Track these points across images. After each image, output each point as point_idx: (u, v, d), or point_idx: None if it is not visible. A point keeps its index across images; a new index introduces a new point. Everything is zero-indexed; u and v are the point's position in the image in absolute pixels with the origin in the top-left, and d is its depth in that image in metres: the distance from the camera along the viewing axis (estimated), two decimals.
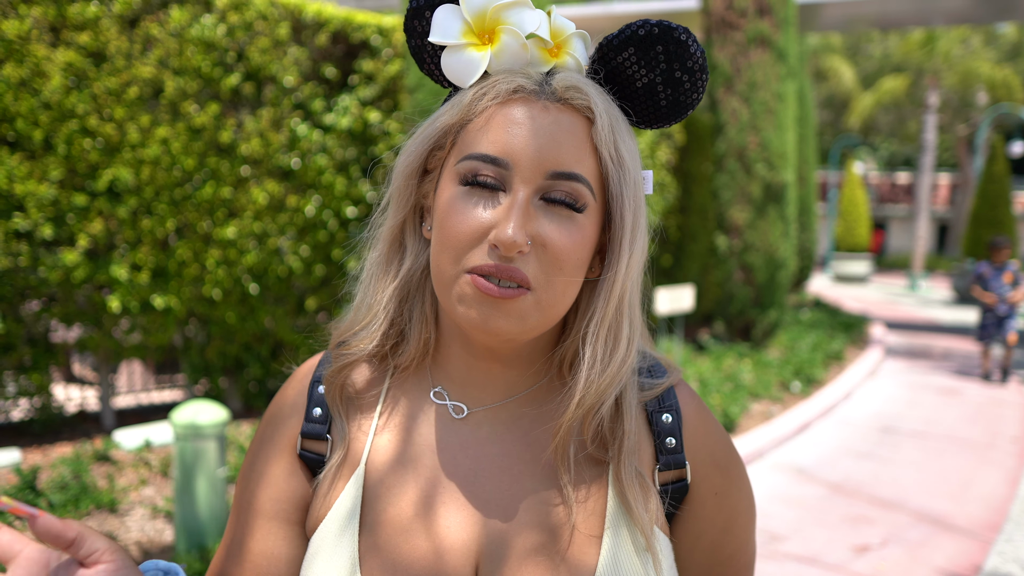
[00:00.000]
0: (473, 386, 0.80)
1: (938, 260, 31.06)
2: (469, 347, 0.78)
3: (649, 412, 0.80)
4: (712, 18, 8.61)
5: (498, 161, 0.69)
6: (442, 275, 0.71)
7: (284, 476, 0.83)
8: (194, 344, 5.19)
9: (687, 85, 0.75)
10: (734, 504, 0.83)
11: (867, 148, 37.54)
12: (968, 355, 10.58)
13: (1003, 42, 27.63)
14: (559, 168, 0.69)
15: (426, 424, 0.80)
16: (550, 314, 0.71)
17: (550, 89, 0.72)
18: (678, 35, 0.72)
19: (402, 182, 0.79)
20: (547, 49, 0.74)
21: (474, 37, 0.73)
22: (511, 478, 0.77)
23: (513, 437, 0.79)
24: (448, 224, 0.70)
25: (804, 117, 14.82)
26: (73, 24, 4.32)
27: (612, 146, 0.71)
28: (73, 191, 4.39)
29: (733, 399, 6.33)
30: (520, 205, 0.68)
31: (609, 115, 0.72)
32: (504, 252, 0.67)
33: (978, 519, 4.53)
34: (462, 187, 0.71)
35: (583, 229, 0.71)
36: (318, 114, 5.29)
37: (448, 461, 0.78)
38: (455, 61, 0.74)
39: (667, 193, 9.06)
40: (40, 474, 3.88)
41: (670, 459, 0.79)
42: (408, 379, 0.83)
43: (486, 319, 0.69)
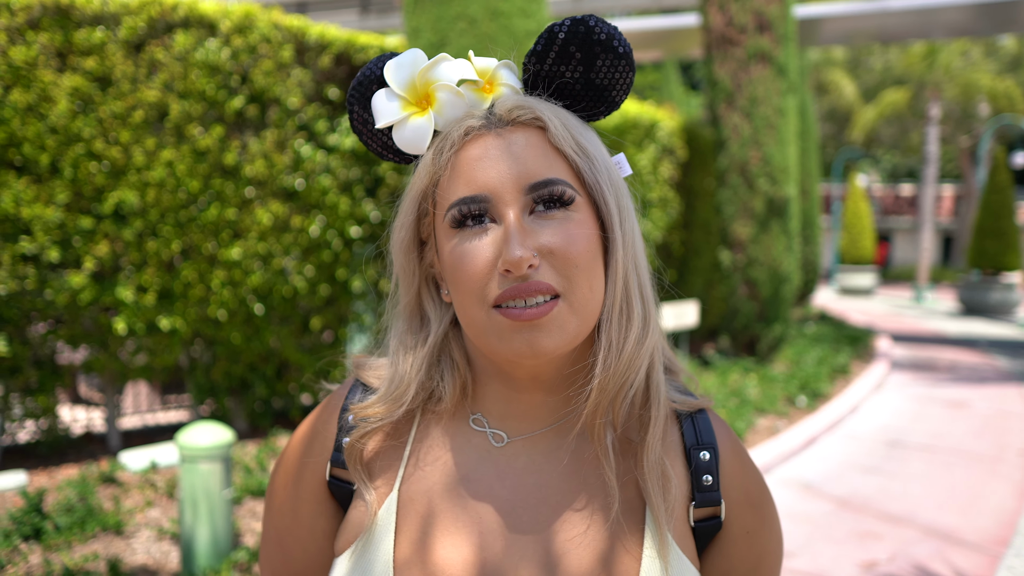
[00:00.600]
0: (513, 418, 0.80)
1: (943, 272, 30.99)
2: (510, 382, 0.78)
3: (687, 448, 0.81)
4: (712, 35, 8.66)
5: (476, 198, 0.71)
6: (475, 322, 0.73)
7: (314, 514, 0.84)
8: (200, 365, 5.21)
9: (607, 70, 0.77)
10: (764, 543, 0.84)
11: (870, 160, 37.57)
12: (975, 367, 10.53)
13: (1003, 54, 27.69)
14: (532, 180, 0.71)
15: (461, 453, 0.80)
16: (585, 315, 0.72)
17: (495, 118, 0.75)
18: (583, 28, 0.74)
19: (402, 258, 0.81)
20: (480, 88, 0.77)
21: (413, 106, 0.77)
22: (550, 509, 0.77)
23: (551, 467, 0.79)
24: (458, 270, 0.72)
25: (806, 131, 14.86)
26: (79, 49, 4.37)
27: (572, 142, 0.74)
28: (79, 214, 4.43)
29: (739, 414, 6.31)
30: (513, 225, 0.70)
31: (558, 116, 0.75)
32: (516, 272, 0.68)
33: (987, 533, 4.50)
34: (455, 232, 0.73)
35: (580, 223, 0.73)
36: (322, 135, 5.33)
37: (485, 491, 0.78)
38: (405, 134, 0.77)
39: (670, 209, 9.08)
40: (46, 496, 3.88)
41: (706, 496, 0.80)
42: (441, 414, 0.83)
43: (531, 344, 0.70)
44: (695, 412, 0.84)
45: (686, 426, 0.83)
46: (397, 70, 0.77)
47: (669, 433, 0.83)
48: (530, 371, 0.76)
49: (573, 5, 15.83)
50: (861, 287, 24.14)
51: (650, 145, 8.64)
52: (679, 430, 0.83)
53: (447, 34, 4.93)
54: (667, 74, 21.76)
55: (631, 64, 0.77)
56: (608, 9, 16.41)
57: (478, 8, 4.89)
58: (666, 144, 8.96)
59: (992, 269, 17.23)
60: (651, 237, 8.55)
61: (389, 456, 0.81)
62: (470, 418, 0.81)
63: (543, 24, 5.15)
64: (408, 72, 0.77)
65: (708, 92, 8.98)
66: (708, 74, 8.84)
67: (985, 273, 17.46)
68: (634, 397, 0.78)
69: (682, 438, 0.82)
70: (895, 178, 39.30)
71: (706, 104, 9.49)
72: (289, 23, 5.20)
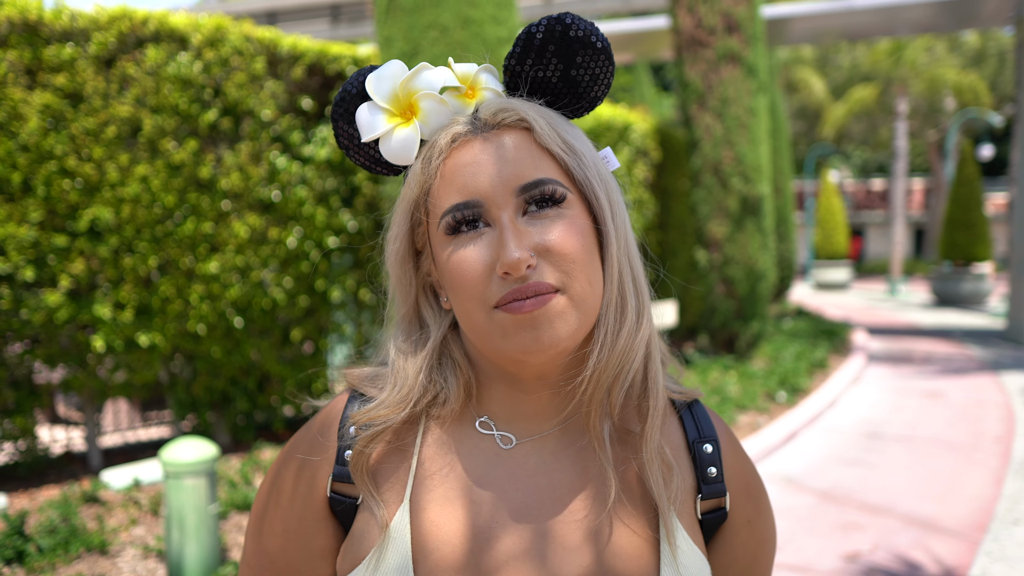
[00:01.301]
0: (520, 419, 0.80)
1: (916, 264, 31.47)
2: (516, 383, 0.78)
3: (691, 442, 0.83)
4: (682, 37, 8.75)
5: (469, 203, 0.72)
6: (478, 325, 0.73)
7: (312, 532, 0.81)
8: (180, 380, 5.18)
9: (587, 67, 0.78)
10: (763, 532, 0.87)
11: (841, 156, 38.06)
12: (948, 357, 10.71)
13: (967, 49, 28.23)
14: (523, 181, 0.72)
15: (470, 458, 0.79)
16: (585, 308, 0.72)
17: (481, 122, 0.75)
18: (560, 27, 0.75)
19: (398, 269, 0.81)
20: (463, 94, 0.78)
21: (398, 117, 0.78)
22: (564, 509, 0.77)
23: (562, 467, 0.79)
24: (457, 276, 0.72)
25: (777, 129, 15.04)
26: (49, 66, 4.34)
27: (559, 140, 0.75)
28: (53, 232, 4.39)
29: (720, 411, 6.37)
30: (508, 227, 0.70)
31: (543, 116, 0.75)
32: (515, 274, 0.69)
33: (965, 520, 4.58)
34: (450, 239, 0.73)
35: (574, 219, 0.73)
36: (297, 146, 5.33)
37: (498, 495, 0.77)
38: (392, 145, 0.78)
39: (646, 210, 9.16)
40: (28, 518, 3.84)
41: (712, 488, 0.81)
42: (447, 418, 0.81)
43: (536, 337, 0.70)
44: (691, 404, 0.86)
45: (686, 419, 0.84)
46: (379, 83, 0.77)
47: (669, 425, 0.84)
48: (536, 371, 0.76)
49: (544, 10, 15.92)
50: (836, 282, 24.44)
51: (624, 147, 8.71)
52: (679, 423, 0.85)
53: (419, 43, 4.95)
54: (639, 76, 21.92)
55: (610, 59, 0.78)
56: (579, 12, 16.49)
57: (450, 16, 4.91)
58: (640, 146, 9.03)
59: (963, 260, 17.53)
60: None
61: (396, 466, 0.79)
62: (476, 421, 0.81)
63: (515, 31, 5.18)
64: (390, 84, 0.77)
65: (680, 93, 9.07)
66: (679, 75, 8.93)
67: (956, 264, 17.75)
68: (631, 388, 0.79)
69: (683, 431, 0.84)
70: (866, 173, 39.85)
71: (678, 105, 9.58)
72: (261, 35, 5.19)
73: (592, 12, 16.43)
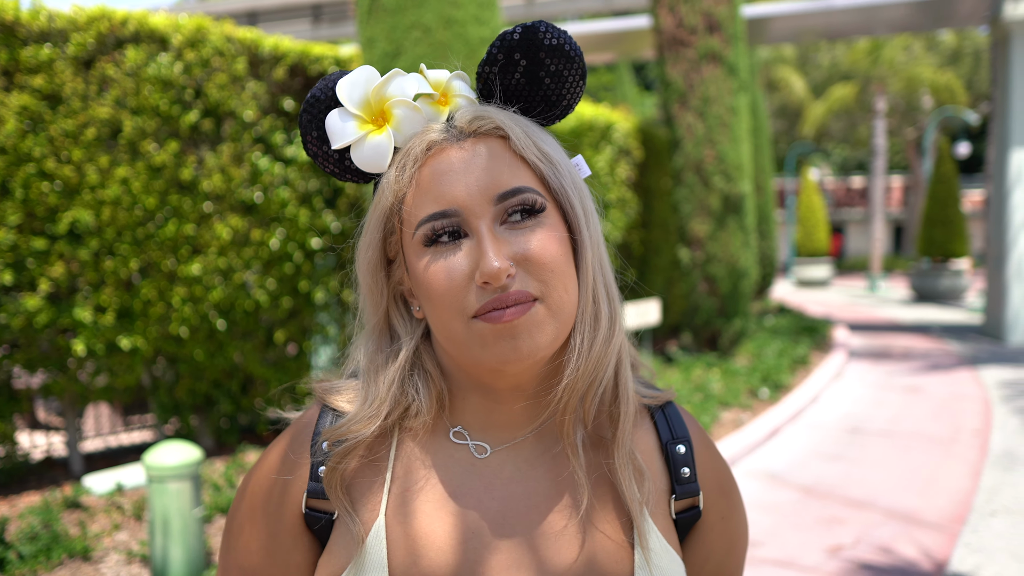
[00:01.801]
0: (494, 427, 0.80)
1: (895, 260, 31.82)
2: (490, 393, 0.78)
3: (664, 443, 0.83)
4: (664, 36, 8.80)
5: (446, 213, 0.71)
6: (455, 335, 0.72)
7: (288, 549, 0.80)
8: (162, 383, 5.14)
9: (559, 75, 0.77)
10: (735, 526, 0.88)
11: (821, 154, 38.37)
12: (927, 352, 10.84)
13: (943, 48, 28.55)
14: (500, 190, 0.72)
15: (445, 468, 0.79)
16: (562, 317, 0.72)
17: (456, 130, 0.75)
18: (533, 35, 0.75)
19: (369, 278, 0.80)
20: (437, 101, 0.77)
21: (369, 124, 0.77)
22: (541, 516, 0.77)
23: (538, 474, 0.79)
24: (434, 286, 0.72)
25: (758, 128, 15.15)
26: (27, 67, 4.29)
27: (534, 148, 0.75)
28: (32, 235, 4.34)
29: (704, 409, 6.42)
30: (487, 236, 0.70)
31: (518, 124, 0.75)
32: (495, 283, 0.68)
33: (945, 512, 4.65)
34: (427, 250, 0.73)
35: (551, 228, 0.73)
36: (279, 147, 5.30)
37: (474, 504, 0.77)
38: (364, 152, 0.76)
39: (628, 209, 9.20)
40: (8, 525, 3.80)
41: (686, 488, 0.82)
42: (419, 430, 0.81)
43: (515, 347, 0.70)
44: (664, 405, 0.87)
45: (658, 420, 0.85)
46: (350, 89, 0.76)
47: (642, 429, 0.85)
48: (512, 380, 0.76)
49: (526, 10, 15.93)
50: (817, 279, 24.66)
51: (606, 147, 8.75)
52: (652, 425, 0.85)
53: (402, 43, 4.94)
54: (620, 75, 22.00)
55: (582, 68, 0.78)
56: (561, 12, 16.55)
57: (432, 17, 4.91)
58: (622, 145, 9.07)
59: (941, 256, 17.75)
60: (611, 237, 8.64)
61: (370, 480, 0.78)
62: (450, 431, 0.80)
63: (497, 31, 5.19)
64: (362, 90, 0.76)
65: (661, 92, 9.12)
66: (661, 75, 8.98)
67: (935, 261, 17.97)
68: (603, 395, 0.79)
69: (656, 433, 0.85)
70: (846, 171, 40.21)
71: (660, 104, 9.64)
72: (242, 36, 5.17)
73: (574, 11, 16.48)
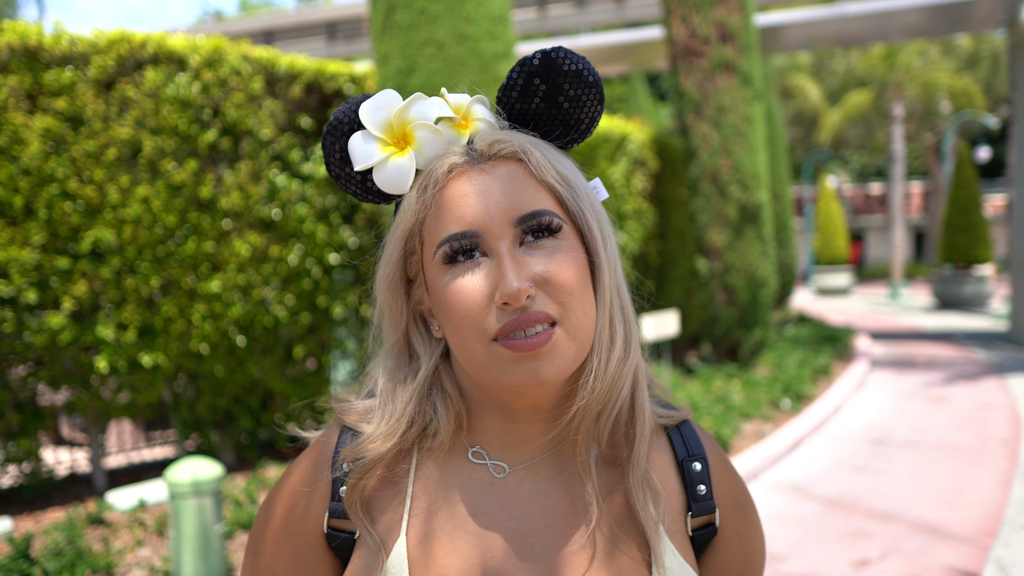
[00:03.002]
0: (513, 447, 0.80)
1: (917, 267, 31.48)
2: (509, 413, 0.79)
3: (679, 460, 0.84)
4: (677, 47, 8.80)
5: (467, 234, 0.72)
6: (475, 357, 0.73)
7: (309, 568, 0.81)
8: (184, 400, 5.18)
9: (577, 100, 0.79)
10: (752, 543, 0.88)
11: (838, 162, 38.14)
12: (952, 361, 10.69)
13: (960, 52, 28.35)
14: (520, 213, 0.73)
15: (464, 488, 0.79)
16: (581, 339, 0.73)
17: (476, 153, 0.76)
18: (552, 61, 0.77)
19: (388, 294, 0.81)
20: (457, 125, 0.79)
21: (391, 147, 0.78)
22: (559, 535, 0.77)
23: (556, 493, 0.79)
24: (454, 306, 0.73)
25: (774, 136, 15.09)
26: (49, 90, 4.37)
27: (554, 172, 0.76)
28: (56, 254, 4.40)
29: (725, 420, 6.36)
30: (507, 257, 0.71)
31: (537, 148, 0.76)
32: (515, 304, 0.69)
33: (974, 525, 4.57)
34: (447, 268, 0.73)
35: (570, 250, 0.74)
36: (296, 164, 5.35)
37: (493, 524, 0.78)
38: (386, 174, 0.78)
39: (645, 220, 9.17)
40: (33, 541, 3.83)
41: (702, 506, 0.82)
42: (438, 450, 0.82)
43: (534, 373, 0.71)
44: (679, 423, 0.87)
45: (674, 438, 0.86)
46: (373, 112, 0.78)
47: (658, 447, 0.85)
48: (531, 401, 0.76)
49: (539, 24, 16.00)
50: (837, 287, 24.45)
51: (622, 158, 8.74)
52: (668, 443, 0.86)
53: (416, 59, 4.97)
54: (634, 86, 22.01)
55: (600, 93, 0.79)
56: (574, 25, 16.60)
57: (445, 33, 4.94)
58: (637, 156, 9.06)
59: (964, 263, 17.53)
60: (628, 249, 8.62)
61: (391, 500, 0.80)
62: (468, 451, 0.81)
63: (510, 46, 5.21)
64: (384, 113, 0.78)
65: (676, 103, 9.11)
66: (675, 85, 8.97)
67: (957, 267, 17.75)
68: (619, 415, 0.79)
69: (672, 450, 0.85)
70: (864, 178, 39.92)
71: (675, 115, 9.62)
72: (258, 55, 5.23)
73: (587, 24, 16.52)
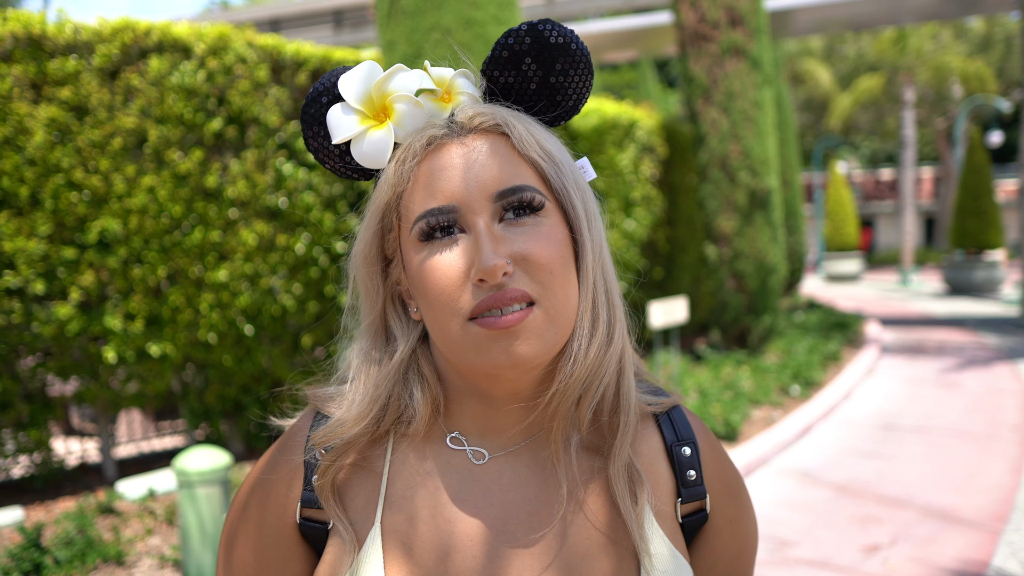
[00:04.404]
0: (492, 433, 0.78)
1: (927, 253, 31.25)
2: (487, 398, 0.76)
3: (668, 446, 0.82)
4: (686, 32, 8.72)
5: (444, 208, 0.70)
6: (450, 337, 0.70)
7: (284, 560, 0.79)
8: (192, 389, 5.19)
9: (564, 74, 0.76)
10: (744, 530, 0.86)
11: (849, 147, 37.87)
12: (963, 346, 10.62)
13: (973, 35, 28.03)
14: (500, 187, 0.70)
15: (442, 475, 0.77)
16: (561, 322, 0.70)
17: (457, 125, 0.73)
18: (538, 33, 0.74)
19: (364, 272, 0.78)
20: (439, 98, 0.76)
21: (371, 120, 0.76)
22: (540, 522, 0.75)
23: (537, 481, 0.77)
24: (429, 284, 0.70)
25: (784, 121, 14.97)
26: (54, 80, 4.35)
27: (537, 147, 0.73)
28: (62, 245, 4.40)
29: (734, 407, 6.34)
30: (484, 233, 0.68)
31: (521, 122, 0.74)
32: (491, 280, 0.66)
33: (985, 511, 4.54)
34: (423, 245, 0.71)
35: (552, 228, 0.71)
36: (302, 152, 5.32)
37: (472, 511, 0.75)
38: (364, 148, 0.75)
39: (654, 206, 9.12)
40: (44, 531, 3.85)
41: (692, 491, 0.80)
42: (415, 436, 0.79)
43: (509, 353, 0.68)
44: (670, 409, 0.85)
45: (663, 423, 0.83)
46: (352, 83, 0.75)
47: (647, 432, 0.82)
48: (509, 386, 0.74)
49: (546, 9, 15.90)
50: (847, 273, 24.31)
51: (630, 145, 8.68)
52: (657, 428, 0.83)
53: (422, 45, 4.93)
54: (643, 72, 21.87)
55: (588, 67, 0.76)
56: (582, 11, 16.50)
57: (452, 18, 4.90)
58: (646, 142, 9.00)
59: (975, 248, 17.40)
60: (636, 235, 8.57)
61: (365, 488, 0.77)
62: (447, 437, 0.78)
63: None
64: (364, 85, 0.75)
65: (685, 88, 9.03)
66: (684, 71, 8.90)
67: (968, 252, 17.62)
68: (602, 403, 0.77)
69: (661, 435, 0.82)
70: (874, 163, 39.63)
71: (683, 100, 9.55)
72: (264, 42, 5.20)
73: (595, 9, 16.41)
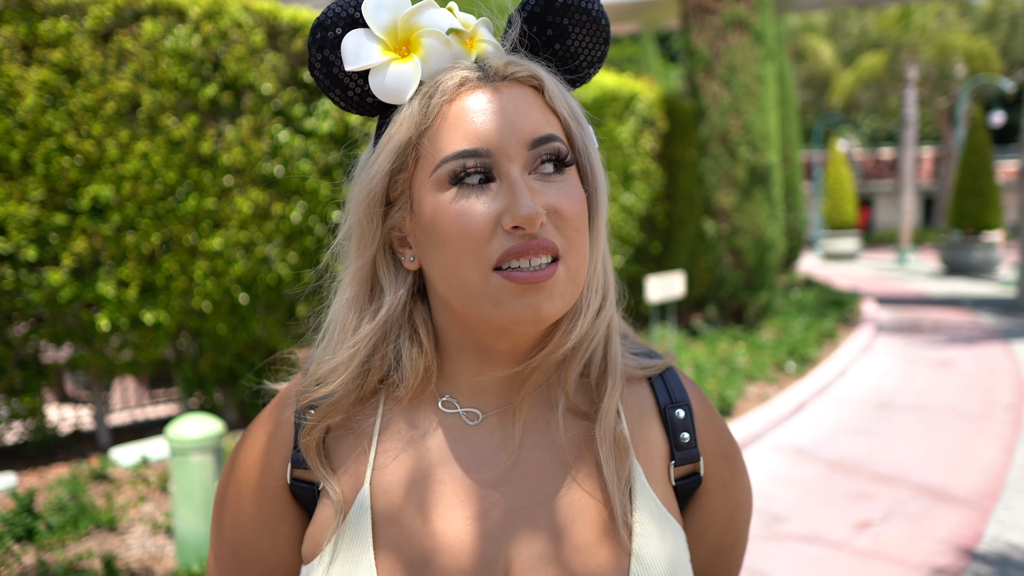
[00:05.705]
0: (486, 393, 0.77)
1: (925, 233, 31.24)
2: (485, 355, 0.75)
3: (662, 408, 0.81)
4: (688, 3, 8.61)
5: (479, 152, 0.67)
6: (468, 287, 0.68)
7: (275, 521, 0.79)
8: (186, 357, 5.17)
9: (580, 38, 0.76)
10: (738, 495, 0.85)
11: (850, 125, 37.69)
12: (958, 326, 10.64)
13: (978, 13, 27.78)
14: (536, 135, 0.69)
15: (433, 436, 0.76)
16: (578, 280, 0.70)
17: (492, 71, 0.71)
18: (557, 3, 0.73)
19: (363, 215, 0.74)
20: (466, 41, 0.74)
21: (393, 52, 0.72)
22: (532, 483, 0.74)
23: (529, 441, 0.76)
24: (454, 229, 0.67)
25: (785, 98, 14.85)
26: (45, 41, 4.27)
27: (566, 104, 0.73)
28: (54, 210, 4.35)
29: (729, 383, 6.35)
30: (519, 181, 0.67)
31: (552, 77, 0.73)
32: (529, 228, 0.65)
33: (976, 488, 4.56)
34: (451, 188, 0.68)
35: (576, 186, 0.71)
36: (299, 120, 5.26)
37: (464, 472, 0.74)
38: (385, 80, 0.71)
39: (653, 181, 9.06)
40: (37, 497, 3.85)
41: (685, 454, 0.79)
42: (405, 396, 0.78)
43: (534, 308, 0.67)
44: (663, 371, 0.84)
45: (657, 385, 0.82)
46: (377, 11, 0.71)
47: (640, 394, 0.81)
48: (512, 341, 0.72)
49: None
50: (845, 252, 24.30)
51: (630, 118, 8.60)
52: (651, 390, 0.82)
53: None
54: (644, 46, 21.64)
55: (606, 34, 0.76)
56: None
57: None
58: (646, 116, 8.92)
59: (973, 229, 17.38)
60: (635, 210, 8.52)
61: (355, 449, 0.76)
62: (439, 399, 0.77)
63: None
64: (390, 15, 0.71)
65: (686, 62, 8.94)
66: (686, 44, 8.80)
67: (966, 233, 17.61)
68: (590, 367, 0.77)
69: (655, 398, 0.81)
70: (875, 142, 39.46)
71: (685, 74, 9.46)
72: (260, 6, 5.11)
73: None
